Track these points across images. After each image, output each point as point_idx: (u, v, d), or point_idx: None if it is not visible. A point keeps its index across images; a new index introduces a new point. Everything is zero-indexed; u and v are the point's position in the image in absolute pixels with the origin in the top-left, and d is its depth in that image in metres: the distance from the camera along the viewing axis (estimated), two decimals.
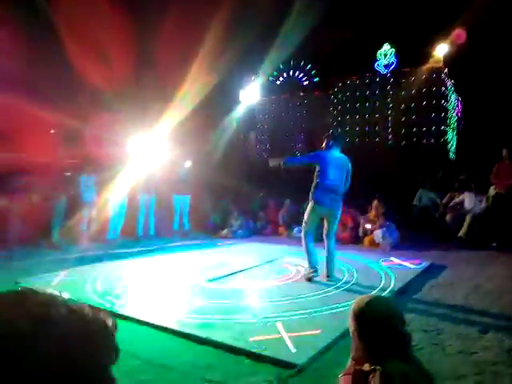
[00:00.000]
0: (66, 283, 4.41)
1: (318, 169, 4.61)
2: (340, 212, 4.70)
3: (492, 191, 7.19)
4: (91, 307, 0.49)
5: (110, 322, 0.49)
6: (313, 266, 4.57)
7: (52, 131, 11.12)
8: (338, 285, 4.35)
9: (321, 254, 4.67)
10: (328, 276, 4.54)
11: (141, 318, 3.31)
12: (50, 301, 0.47)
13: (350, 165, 4.71)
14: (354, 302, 1.49)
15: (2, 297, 0.47)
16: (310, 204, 4.62)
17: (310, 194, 4.64)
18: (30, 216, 6.97)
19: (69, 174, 7.99)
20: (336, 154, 4.66)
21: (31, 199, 7.18)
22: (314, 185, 4.61)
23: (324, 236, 4.65)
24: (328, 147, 4.70)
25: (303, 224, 4.70)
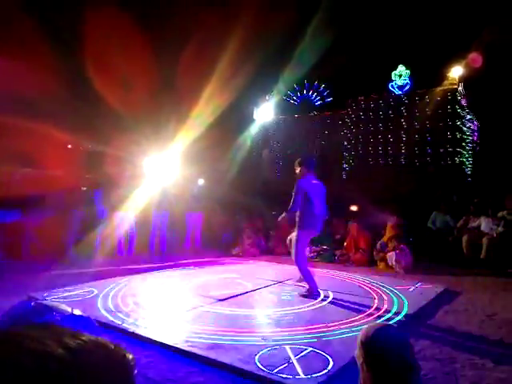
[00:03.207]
0: (77, 299, 4.45)
1: (305, 197, 4.74)
2: None
3: (507, 215, 7.07)
4: (109, 341, 0.51)
5: (130, 356, 0.51)
6: (316, 291, 4.75)
7: (69, 146, 11.41)
8: (352, 308, 4.30)
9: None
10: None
11: (151, 337, 3.32)
12: (76, 332, 0.49)
13: (324, 189, 4.96)
14: (361, 331, 1.48)
15: (30, 326, 0.50)
16: (302, 232, 4.77)
17: (301, 222, 4.76)
18: (45, 230, 7.10)
19: (85, 188, 8.14)
20: (313, 180, 4.87)
21: (47, 213, 7.32)
22: (303, 213, 4.74)
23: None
24: (306, 175, 4.87)
25: (298, 252, 4.78)
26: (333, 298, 4.69)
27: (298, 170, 4.95)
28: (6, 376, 0.40)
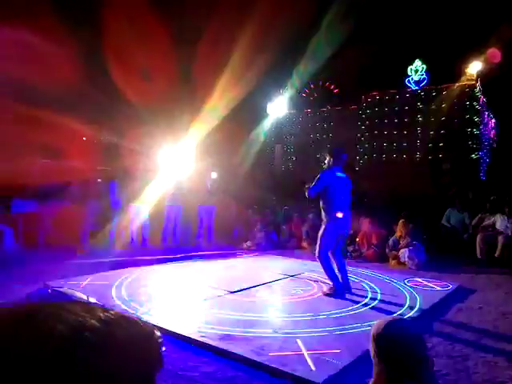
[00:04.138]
0: (92, 288, 4.53)
1: (329, 191, 4.57)
2: None
3: None
4: (138, 317, 0.53)
5: (158, 333, 0.53)
6: (341, 289, 4.56)
7: (84, 138, 11.56)
8: (362, 303, 4.30)
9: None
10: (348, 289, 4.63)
11: (163, 327, 3.37)
12: (106, 308, 0.51)
13: (350, 184, 4.78)
14: (374, 325, 1.49)
15: (64, 301, 0.52)
16: (329, 225, 4.57)
17: (328, 216, 4.58)
18: (62, 220, 7.23)
19: (100, 180, 8.25)
20: (339, 173, 4.67)
21: (64, 204, 7.45)
22: (329, 207, 4.57)
23: (332, 253, 4.63)
24: (332, 167, 4.68)
25: (322, 247, 4.57)
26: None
27: (326, 160, 4.77)
28: (45, 343, 0.42)
